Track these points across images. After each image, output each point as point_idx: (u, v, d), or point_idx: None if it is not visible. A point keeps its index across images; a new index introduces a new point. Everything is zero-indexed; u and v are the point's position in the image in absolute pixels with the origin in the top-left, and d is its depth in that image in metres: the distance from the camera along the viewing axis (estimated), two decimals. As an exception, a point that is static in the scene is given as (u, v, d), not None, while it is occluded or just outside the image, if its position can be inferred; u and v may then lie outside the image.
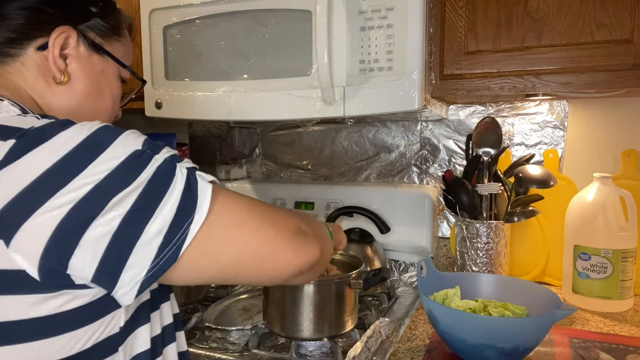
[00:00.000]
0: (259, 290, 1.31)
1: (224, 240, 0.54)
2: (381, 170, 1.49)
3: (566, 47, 0.95)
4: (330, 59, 1.00)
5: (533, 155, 1.23)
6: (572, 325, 1.02)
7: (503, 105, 1.33)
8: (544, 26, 0.96)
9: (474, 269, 1.15)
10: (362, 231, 1.30)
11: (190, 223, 0.51)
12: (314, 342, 0.99)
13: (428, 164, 1.43)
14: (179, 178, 0.52)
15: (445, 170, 1.29)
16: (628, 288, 1.09)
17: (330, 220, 1.31)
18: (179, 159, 0.54)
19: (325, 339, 0.99)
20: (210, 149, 1.73)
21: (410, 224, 1.33)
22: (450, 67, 1.04)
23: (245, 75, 1.12)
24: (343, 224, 1.35)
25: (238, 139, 1.68)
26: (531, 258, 1.27)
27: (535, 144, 1.31)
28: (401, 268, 1.39)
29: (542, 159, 1.30)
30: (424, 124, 1.42)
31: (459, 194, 1.17)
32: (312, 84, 1.05)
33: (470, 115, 1.37)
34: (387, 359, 0.89)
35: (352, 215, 1.33)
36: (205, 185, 0.53)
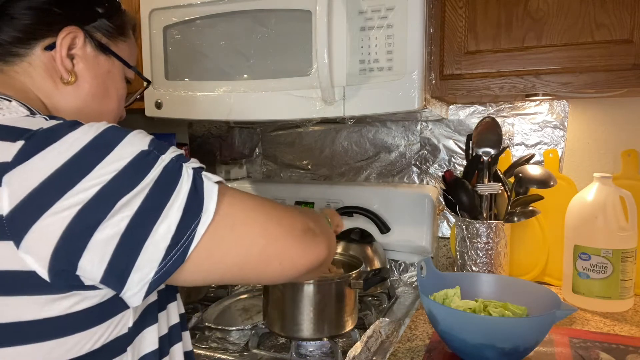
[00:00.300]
0: (259, 290, 1.31)
1: (230, 241, 0.54)
2: (381, 170, 1.49)
3: (566, 47, 0.95)
4: (330, 59, 1.00)
5: (533, 155, 1.23)
6: (572, 325, 1.02)
7: (503, 105, 1.33)
8: (544, 26, 0.96)
9: (474, 269, 1.15)
10: (362, 231, 1.30)
11: (197, 224, 0.51)
12: (314, 342, 0.99)
13: (428, 164, 1.43)
14: (185, 178, 0.52)
15: (445, 170, 1.29)
16: (628, 288, 1.09)
17: (330, 220, 1.31)
18: (185, 158, 0.54)
19: (325, 339, 0.99)
20: (210, 149, 1.73)
21: (410, 224, 1.33)
22: (450, 67, 1.04)
23: (245, 75, 1.13)
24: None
25: (238, 139, 1.68)
26: (531, 258, 1.27)
27: (535, 144, 1.31)
28: (401, 268, 1.39)
29: (542, 159, 1.30)
30: (424, 124, 1.42)
31: (459, 194, 1.17)
32: (312, 84, 1.05)
33: (470, 115, 1.37)
34: (387, 359, 0.89)
35: (352, 215, 1.33)
36: (212, 185, 0.53)
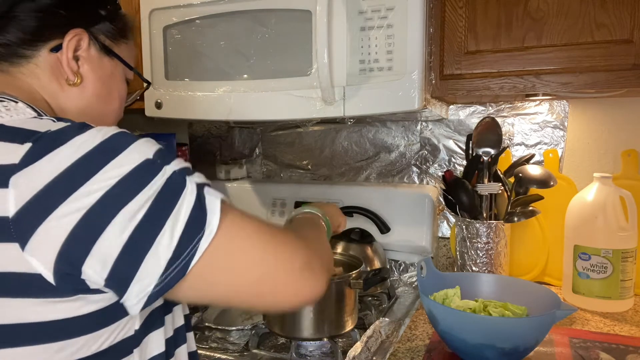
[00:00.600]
0: (259, 290, 1.31)
1: (230, 261, 0.53)
2: (381, 170, 1.49)
3: (566, 47, 0.95)
4: (330, 59, 1.00)
5: (533, 155, 1.23)
6: (572, 325, 1.02)
7: (503, 105, 1.33)
8: (544, 26, 0.96)
9: (474, 269, 1.15)
10: (362, 231, 1.30)
11: (201, 238, 0.50)
12: (314, 342, 0.99)
13: (428, 164, 1.43)
14: (189, 191, 0.51)
15: (445, 170, 1.29)
16: (628, 288, 1.09)
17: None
18: (190, 171, 0.53)
19: (325, 339, 0.99)
20: (210, 149, 1.73)
21: (410, 224, 1.33)
22: (450, 67, 1.04)
23: (245, 75, 1.12)
24: (343, 224, 1.35)
25: (238, 139, 1.68)
26: (531, 258, 1.27)
27: (535, 144, 1.31)
28: (401, 268, 1.39)
29: (542, 159, 1.30)
30: (424, 124, 1.42)
31: (459, 194, 1.17)
32: (312, 84, 1.05)
33: (470, 115, 1.37)
34: (387, 359, 0.89)
35: (352, 215, 1.33)
36: (215, 201, 0.52)
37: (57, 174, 0.47)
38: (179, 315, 0.66)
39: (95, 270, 0.48)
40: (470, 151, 1.21)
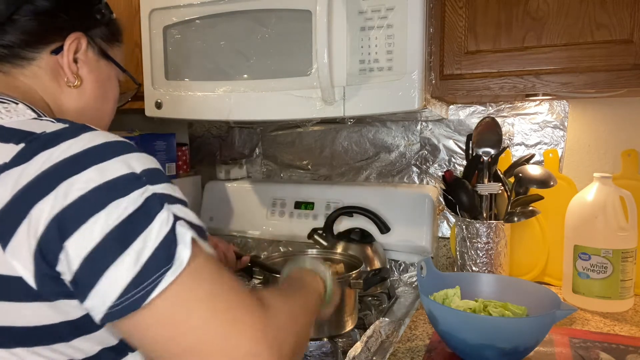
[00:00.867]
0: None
1: (192, 302, 0.48)
2: (381, 170, 1.49)
3: (566, 47, 0.95)
4: (330, 59, 1.00)
5: (533, 155, 1.23)
6: (572, 325, 1.02)
7: (503, 105, 1.33)
8: (544, 26, 0.96)
9: (474, 269, 1.15)
10: (362, 231, 1.30)
11: (167, 270, 0.46)
12: (314, 342, 0.99)
13: (428, 164, 1.43)
14: (163, 218, 0.48)
15: (445, 170, 1.29)
16: (628, 288, 1.09)
17: (330, 220, 1.31)
18: (172, 200, 0.50)
19: (325, 339, 0.99)
20: (210, 149, 1.73)
21: (410, 224, 1.33)
22: (450, 67, 1.04)
23: (245, 75, 1.12)
24: (343, 224, 1.35)
25: (238, 139, 1.68)
26: (531, 258, 1.27)
27: (535, 144, 1.31)
28: (401, 268, 1.39)
29: (542, 159, 1.30)
30: (424, 124, 1.42)
31: (459, 194, 1.17)
32: (312, 84, 1.05)
33: (470, 115, 1.37)
34: (387, 359, 0.89)
35: (352, 215, 1.33)
36: (186, 235, 0.49)
37: (39, 172, 0.47)
38: None
39: (64, 270, 0.47)
40: (470, 151, 1.21)
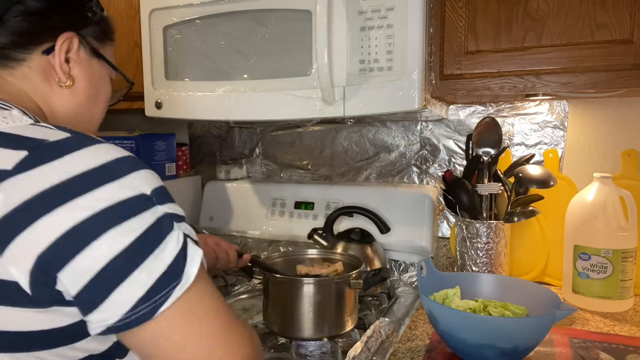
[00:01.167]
0: (259, 290, 1.31)
1: (200, 314, 0.52)
2: (381, 170, 1.49)
3: (566, 47, 0.95)
4: (330, 59, 1.00)
5: (533, 155, 1.23)
6: (572, 325, 1.02)
7: (503, 105, 1.33)
8: (544, 26, 0.96)
9: (474, 269, 1.15)
10: (362, 231, 1.30)
11: (176, 285, 0.49)
12: (314, 342, 0.99)
13: (428, 164, 1.43)
14: (174, 237, 0.51)
15: (445, 170, 1.29)
16: (628, 288, 1.09)
17: (330, 220, 1.31)
18: (180, 219, 0.53)
19: (325, 339, 0.99)
20: (210, 149, 1.73)
21: (410, 224, 1.33)
22: (450, 67, 1.04)
23: (245, 75, 1.12)
24: (343, 224, 1.35)
25: (238, 139, 1.68)
26: (531, 258, 1.27)
27: (535, 144, 1.31)
28: (401, 268, 1.39)
29: (542, 159, 1.30)
30: (424, 124, 1.42)
31: (459, 194, 1.17)
32: (312, 84, 1.05)
33: (470, 115, 1.37)
34: (387, 359, 0.89)
35: (352, 215, 1.33)
36: (197, 253, 0.52)
37: (48, 186, 0.47)
38: None
39: (66, 287, 0.47)
40: (470, 151, 1.21)
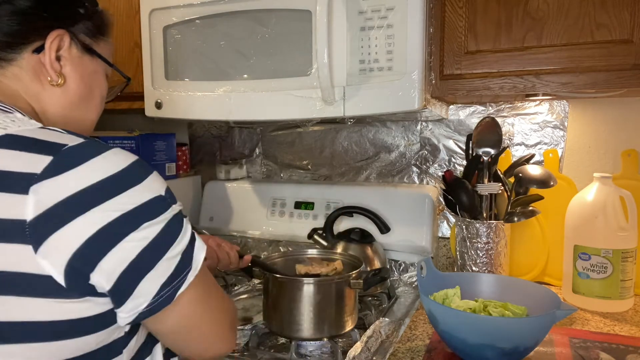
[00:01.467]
0: (259, 290, 1.31)
1: (200, 299, 0.61)
2: (381, 170, 1.49)
3: (566, 47, 0.95)
4: (330, 59, 1.00)
5: (533, 155, 1.23)
6: (572, 325, 1.02)
7: (503, 105, 1.33)
8: (544, 26, 0.96)
9: (474, 269, 1.15)
10: (362, 231, 1.30)
11: (189, 272, 0.57)
12: (314, 342, 0.99)
13: (428, 164, 1.43)
14: (187, 230, 0.59)
15: (445, 170, 1.29)
16: (628, 288, 1.09)
17: (330, 220, 1.31)
18: (184, 214, 0.60)
19: (325, 339, 0.99)
20: (210, 149, 1.73)
21: (410, 224, 1.33)
22: (450, 67, 1.04)
23: (245, 75, 1.12)
24: (343, 224, 1.35)
25: (238, 139, 1.68)
26: (531, 258, 1.27)
27: (535, 144, 1.31)
28: (401, 268, 1.39)
29: (542, 159, 1.30)
30: (424, 124, 1.42)
31: (459, 194, 1.17)
32: (312, 84, 1.05)
33: (470, 115, 1.37)
34: (387, 359, 0.89)
35: (352, 215, 1.33)
36: (202, 244, 0.61)
37: (80, 189, 0.51)
38: None
39: (101, 280, 0.52)
40: (470, 151, 1.21)
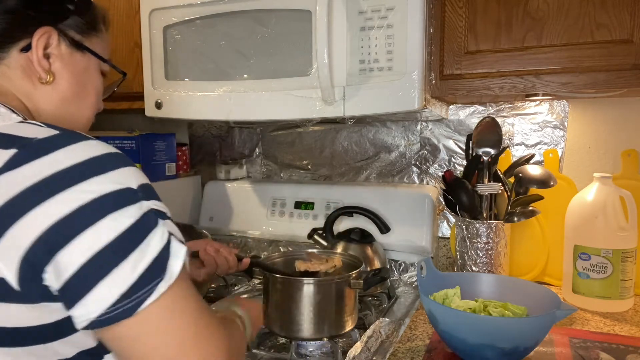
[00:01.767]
0: (259, 291, 1.31)
1: (179, 311, 0.52)
2: (381, 170, 1.49)
3: (566, 47, 0.95)
4: (330, 59, 1.00)
5: (533, 155, 1.23)
6: (572, 325, 1.02)
7: (503, 105, 1.33)
8: (544, 26, 0.96)
9: (474, 269, 1.15)
10: (362, 231, 1.30)
11: (160, 282, 0.49)
12: (314, 342, 0.99)
13: (428, 164, 1.43)
14: (159, 233, 0.51)
15: (445, 170, 1.29)
16: (628, 288, 1.09)
17: (330, 220, 1.31)
18: (165, 216, 0.53)
19: (325, 339, 0.99)
20: (210, 149, 1.73)
21: (410, 224, 1.33)
22: (450, 67, 1.04)
23: (245, 75, 1.12)
24: (343, 224, 1.35)
25: (238, 139, 1.68)
26: (531, 258, 1.27)
27: (535, 144, 1.31)
28: (401, 268, 1.39)
29: (542, 159, 1.30)
30: (424, 124, 1.42)
31: (459, 194, 1.17)
32: (312, 84, 1.05)
33: (470, 115, 1.37)
34: (387, 359, 0.89)
35: (352, 215, 1.33)
36: (180, 250, 0.52)
37: (36, 180, 0.47)
38: None
39: (51, 280, 0.47)
40: (470, 151, 1.21)
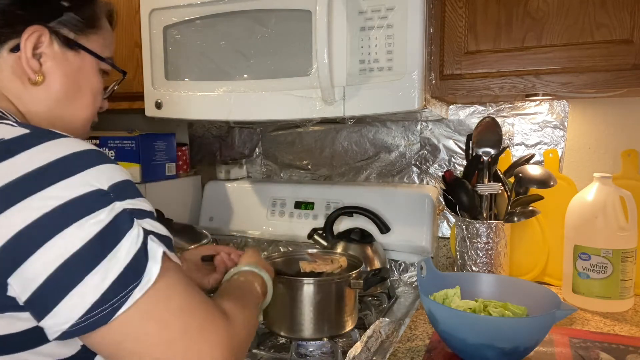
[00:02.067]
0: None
1: (159, 317, 0.49)
2: (381, 170, 1.49)
3: (566, 47, 0.95)
4: (330, 59, 1.00)
5: (533, 155, 1.23)
6: (572, 325, 1.02)
7: (503, 105, 1.33)
8: (544, 26, 0.96)
9: (474, 269, 1.15)
10: (362, 231, 1.30)
11: (135, 287, 0.47)
12: (314, 342, 0.99)
13: (428, 164, 1.43)
14: (134, 235, 0.48)
15: (445, 170, 1.29)
16: (628, 288, 1.09)
17: (330, 220, 1.31)
18: (143, 214, 0.51)
19: (325, 339, 0.99)
20: (210, 149, 1.73)
21: (410, 224, 1.33)
22: (450, 67, 1.04)
23: (245, 75, 1.12)
24: (343, 224, 1.35)
25: (238, 139, 1.68)
26: (531, 258, 1.27)
27: (535, 144, 1.31)
28: (401, 268, 1.39)
29: (542, 159, 1.30)
30: (424, 124, 1.42)
31: (459, 194, 1.17)
32: (312, 84, 1.05)
33: (470, 115, 1.37)
34: (387, 359, 0.89)
35: (352, 215, 1.33)
36: (157, 251, 0.50)
37: (1, 185, 0.45)
38: None
39: (16, 290, 0.46)
40: (470, 151, 1.21)
